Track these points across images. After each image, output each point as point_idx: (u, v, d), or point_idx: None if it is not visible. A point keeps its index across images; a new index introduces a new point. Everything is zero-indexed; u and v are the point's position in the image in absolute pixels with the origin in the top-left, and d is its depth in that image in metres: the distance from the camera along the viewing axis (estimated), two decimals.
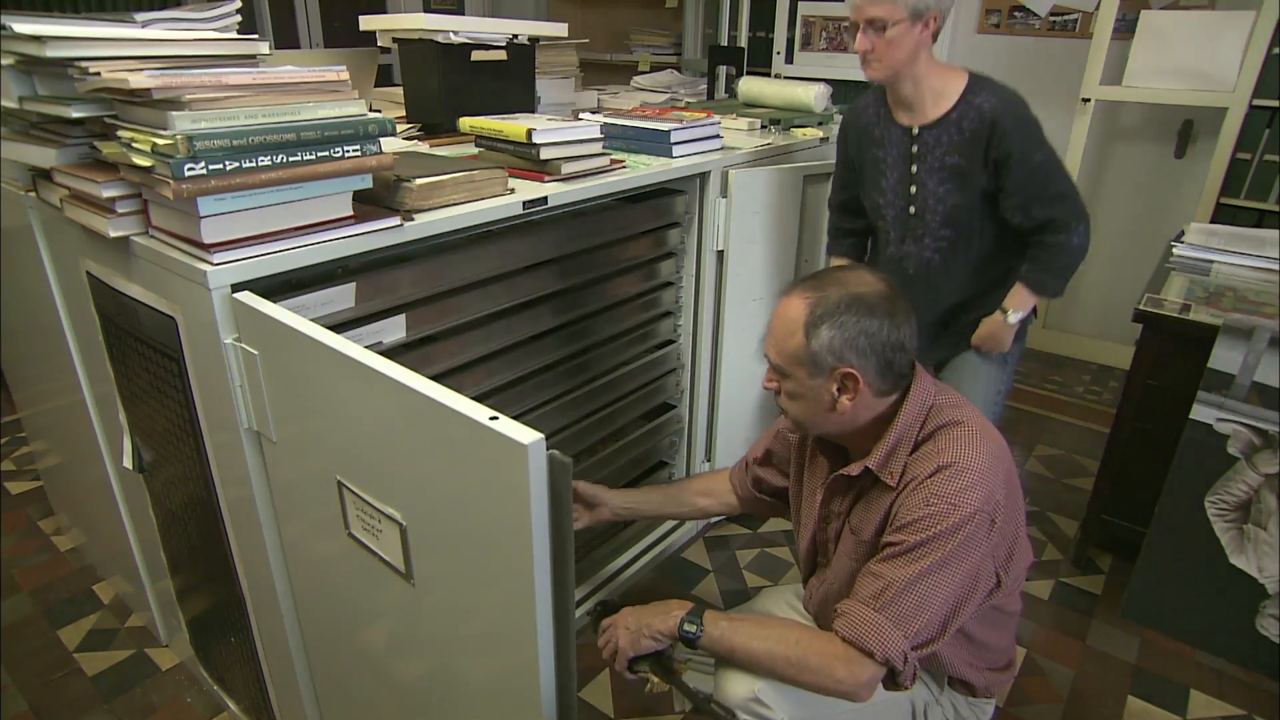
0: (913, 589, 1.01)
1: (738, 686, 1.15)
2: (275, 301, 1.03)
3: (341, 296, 1.19)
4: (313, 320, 0.98)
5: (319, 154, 1.05)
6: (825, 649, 1.05)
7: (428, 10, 3.99)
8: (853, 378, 1.08)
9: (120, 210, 1.11)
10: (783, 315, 1.12)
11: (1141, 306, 1.88)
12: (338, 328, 1.10)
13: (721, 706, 1.17)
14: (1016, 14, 3.50)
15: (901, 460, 1.11)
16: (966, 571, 1.03)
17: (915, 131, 1.62)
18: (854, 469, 1.16)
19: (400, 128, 1.84)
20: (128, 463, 1.47)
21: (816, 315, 1.07)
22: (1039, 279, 1.63)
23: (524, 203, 1.37)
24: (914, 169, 1.64)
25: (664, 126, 1.74)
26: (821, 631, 1.09)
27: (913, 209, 1.67)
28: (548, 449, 0.77)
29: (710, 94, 3.20)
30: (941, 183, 1.61)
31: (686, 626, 1.12)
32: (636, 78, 3.28)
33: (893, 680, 1.04)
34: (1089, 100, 3.13)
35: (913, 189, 1.65)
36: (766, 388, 1.19)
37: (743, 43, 3.70)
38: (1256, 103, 2.79)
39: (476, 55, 1.82)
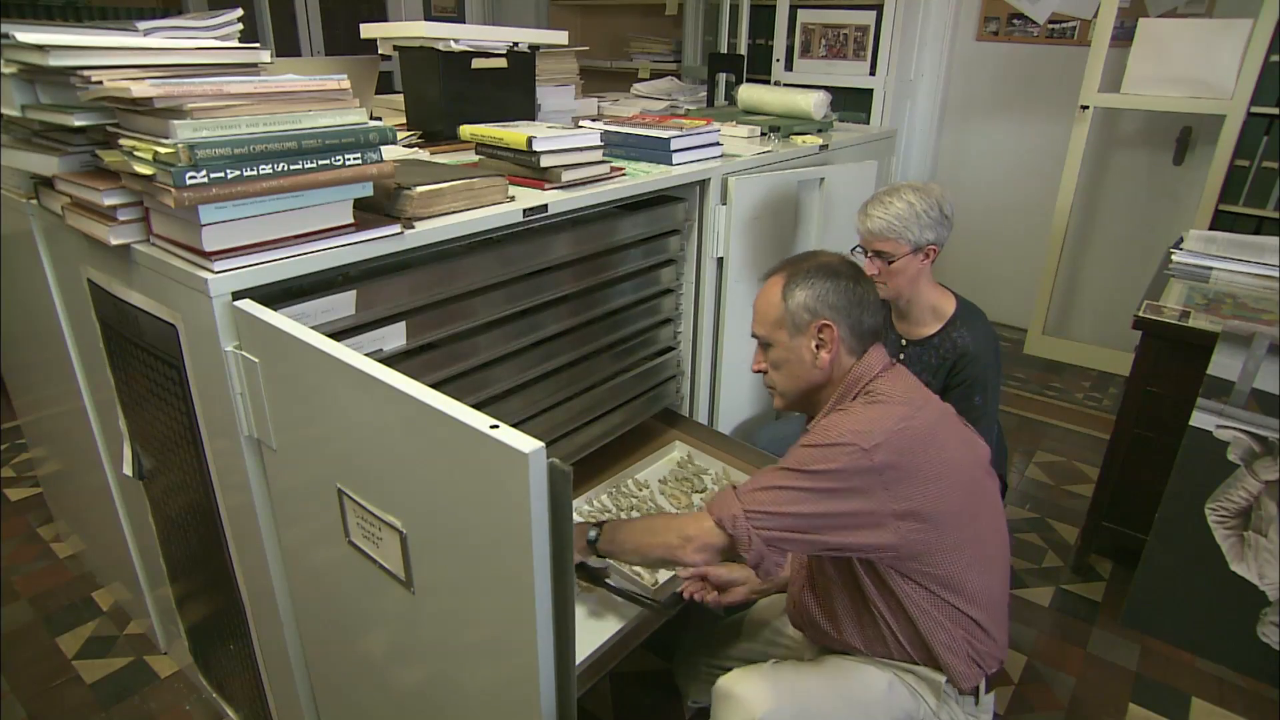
0: (768, 477, 1.14)
1: (737, 717, 1.17)
2: (276, 309, 1.03)
3: (342, 304, 1.19)
4: (313, 328, 0.98)
5: (320, 162, 1.06)
6: (680, 518, 1.21)
7: (429, 18, 4.00)
8: (829, 328, 1.22)
9: (121, 218, 1.11)
10: (763, 294, 1.29)
11: (1141, 313, 1.88)
12: (338, 335, 1.10)
13: (647, 596, 1.39)
14: (1015, 21, 3.51)
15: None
16: (826, 490, 1.09)
17: (904, 343, 1.77)
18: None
19: (401, 135, 1.84)
20: (127, 469, 1.47)
21: (791, 283, 1.24)
22: None
23: (524, 210, 1.37)
24: None
25: (664, 134, 1.74)
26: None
27: None
28: (548, 457, 0.77)
29: (710, 101, 3.21)
30: None
31: (591, 533, 1.29)
32: (636, 85, 3.29)
33: (735, 550, 1.13)
34: (1088, 107, 3.14)
35: None
36: (755, 370, 1.33)
37: (742, 50, 3.71)
38: (1254, 110, 2.80)
39: (477, 63, 1.83)
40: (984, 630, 1.21)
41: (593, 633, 1.35)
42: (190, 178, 0.94)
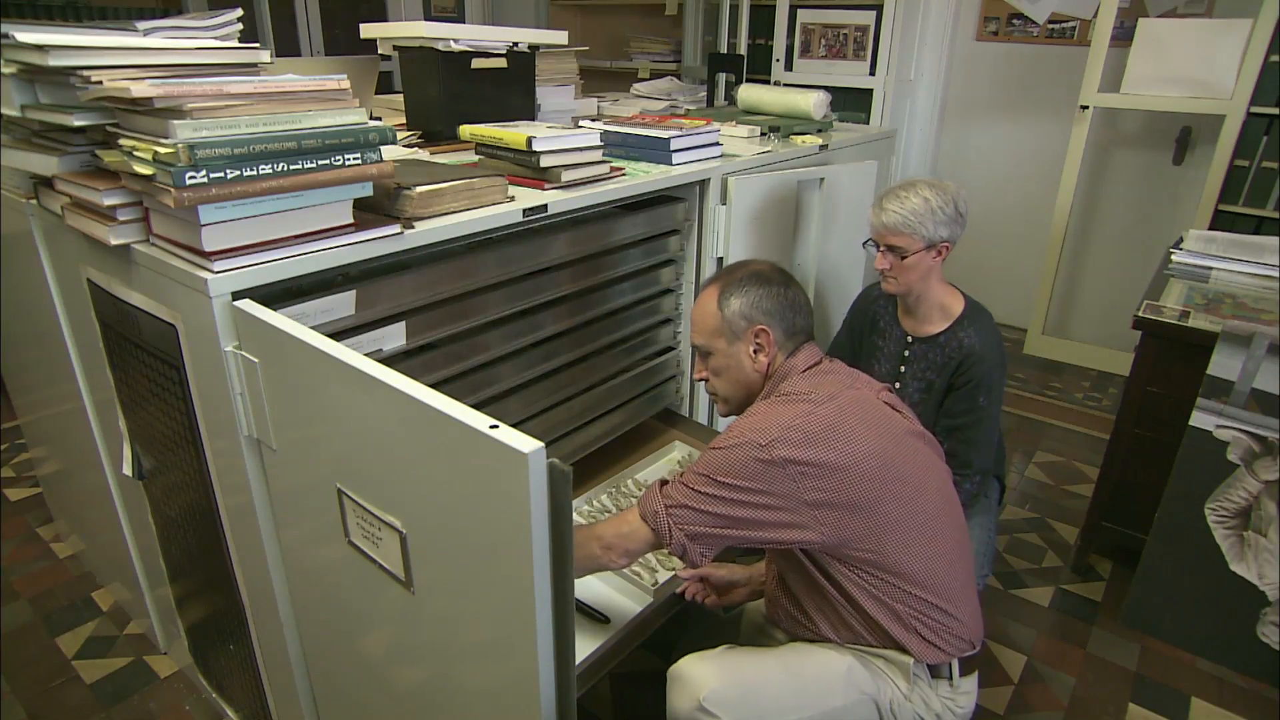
0: (687, 477, 1.17)
1: (683, 698, 1.18)
2: (275, 309, 1.03)
3: (342, 304, 1.19)
4: (313, 328, 0.98)
5: (320, 162, 1.06)
6: (602, 523, 1.23)
7: (429, 18, 4.00)
8: (765, 333, 1.27)
9: (121, 218, 1.11)
10: (699, 305, 1.34)
11: (1141, 313, 1.88)
12: (338, 335, 1.10)
13: (588, 606, 1.39)
14: (1015, 21, 3.51)
15: None
16: (736, 497, 1.12)
17: (910, 340, 1.76)
18: None
19: (401, 135, 1.84)
20: (127, 470, 1.47)
21: (726, 293, 1.29)
22: None
23: (524, 210, 1.37)
24: (902, 370, 1.79)
25: (664, 134, 1.74)
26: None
27: None
28: (548, 457, 0.77)
29: (710, 101, 3.21)
30: (919, 391, 1.76)
31: None
32: (636, 85, 3.29)
33: (660, 544, 1.17)
34: (1087, 107, 3.14)
35: (896, 385, 1.79)
36: (697, 380, 1.38)
37: (742, 50, 3.71)
38: (1254, 110, 2.80)
39: (477, 63, 1.83)
40: (939, 609, 1.22)
41: (593, 633, 1.35)
42: (190, 178, 0.94)
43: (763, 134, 2.19)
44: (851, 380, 1.25)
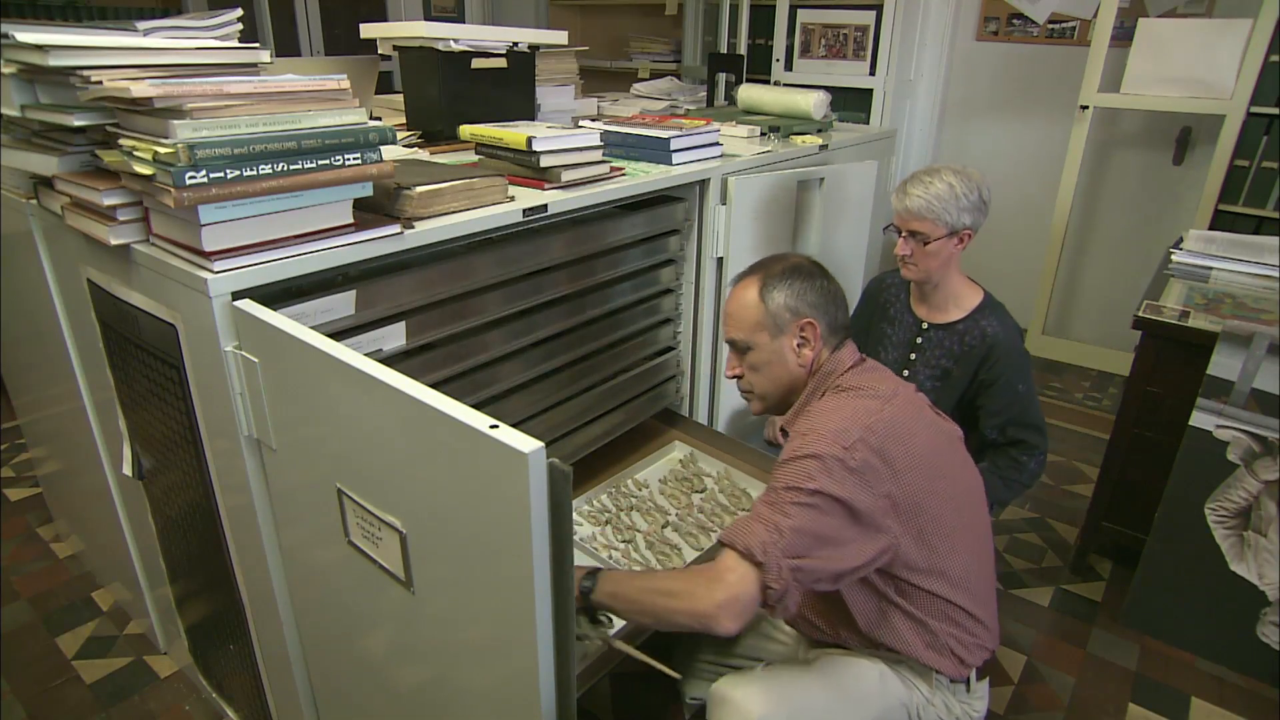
0: (772, 496, 1.07)
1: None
2: (275, 309, 1.03)
3: (342, 304, 1.19)
4: (313, 328, 0.98)
5: (320, 162, 1.06)
6: (697, 572, 1.07)
7: (428, 18, 4.00)
8: (811, 326, 1.25)
9: (121, 218, 1.11)
10: (737, 298, 1.30)
11: (1141, 313, 1.89)
12: (338, 335, 1.10)
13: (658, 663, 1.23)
14: (1015, 21, 3.51)
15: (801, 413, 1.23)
16: (823, 497, 1.05)
17: (924, 326, 1.75)
18: (780, 436, 1.24)
19: (401, 135, 1.84)
20: (127, 470, 1.47)
21: (768, 285, 1.26)
22: (990, 480, 1.64)
23: (524, 210, 1.37)
24: (912, 357, 1.77)
25: (664, 134, 1.74)
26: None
27: None
28: (547, 457, 0.77)
29: (710, 101, 3.21)
30: (930, 379, 1.74)
31: (584, 582, 1.13)
32: (636, 85, 3.30)
33: (766, 597, 1.03)
34: (1087, 107, 3.14)
35: (905, 373, 1.78)
36: (729, 376, 1.34)
37: (742, 50, 3.71)
38: (1254, 110, 2.81)
39: (477, 63, 1.83)
40: (973, 617, 1.22)
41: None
42: (190, 178, 0.94)
43: (763, 134, 2.19)
44: (896, 378, 1.25)
